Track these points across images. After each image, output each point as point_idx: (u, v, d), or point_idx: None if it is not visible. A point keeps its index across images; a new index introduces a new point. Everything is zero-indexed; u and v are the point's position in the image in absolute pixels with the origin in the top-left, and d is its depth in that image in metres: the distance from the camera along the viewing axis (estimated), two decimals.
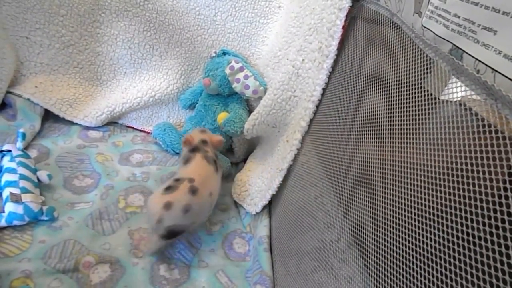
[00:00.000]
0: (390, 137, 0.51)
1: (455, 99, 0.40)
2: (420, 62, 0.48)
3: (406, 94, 0.49)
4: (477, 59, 0.35)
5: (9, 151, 0.83)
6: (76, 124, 1.09)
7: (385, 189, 0.48)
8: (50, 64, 1.11)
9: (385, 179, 0.49)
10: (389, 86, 0.54)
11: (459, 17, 0.38)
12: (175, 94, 1.19)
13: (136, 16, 1.12)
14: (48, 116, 1.07)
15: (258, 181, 0.95)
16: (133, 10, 1.11)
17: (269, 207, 0.94)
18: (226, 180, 1.07)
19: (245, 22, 1.17)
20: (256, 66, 1.17)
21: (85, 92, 1.14)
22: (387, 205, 0.46)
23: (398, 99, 0.51)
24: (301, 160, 0.82)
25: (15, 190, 0.76)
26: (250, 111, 1.10)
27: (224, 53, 1.13)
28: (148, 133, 1.17)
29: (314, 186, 0.72)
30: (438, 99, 0.43)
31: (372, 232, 0.48)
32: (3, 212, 0.73)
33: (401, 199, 0.44)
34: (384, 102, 0.55)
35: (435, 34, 0.42)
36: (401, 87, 0.51)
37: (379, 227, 0.46)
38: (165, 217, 0.72)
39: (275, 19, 1.16)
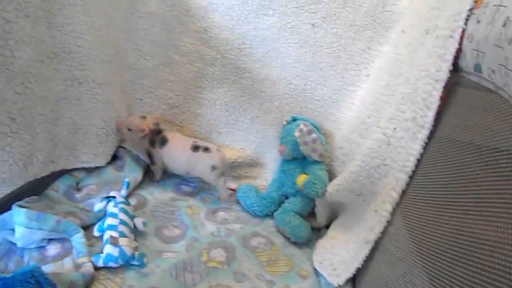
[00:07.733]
0: (496, 215, 0.46)
1: None
2: None
3: None
4: None
5: (114, 197, 0.93)
6: (171, 178, 1.18)
7: (488, 272, 0.43)
8: None
9: (488, 261, 0.44)
10: (495, 157, 0.51)
11: None
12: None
13: (234, 83, 1.23)
14: (149, 170, 1.18)
15: (342, 251, 0.90)
16: (232, 78, 1.22)
17: (353, 280, 0.88)
18: (307, 246, 1.04)
19: (333, 90, 1.19)
20: (340, 131, 1.17)
21: None
22: None
23: (506, 173, 0.47)
24: (389, 232, 0.77)
25: (115, 234, 0.83)
26: (327, 171, 1.10)
27: (294, 120, 1.16)
28: (233, 190, 1.21)
29: (402, 261, 0.67)
30: None
31: None
32: (102, 253, 0.80)
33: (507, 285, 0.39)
34: (489, 175, 0.51)
35: None
36: (509, 159, 0.47)
37: None
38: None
39: (363, 86, 1.17)
